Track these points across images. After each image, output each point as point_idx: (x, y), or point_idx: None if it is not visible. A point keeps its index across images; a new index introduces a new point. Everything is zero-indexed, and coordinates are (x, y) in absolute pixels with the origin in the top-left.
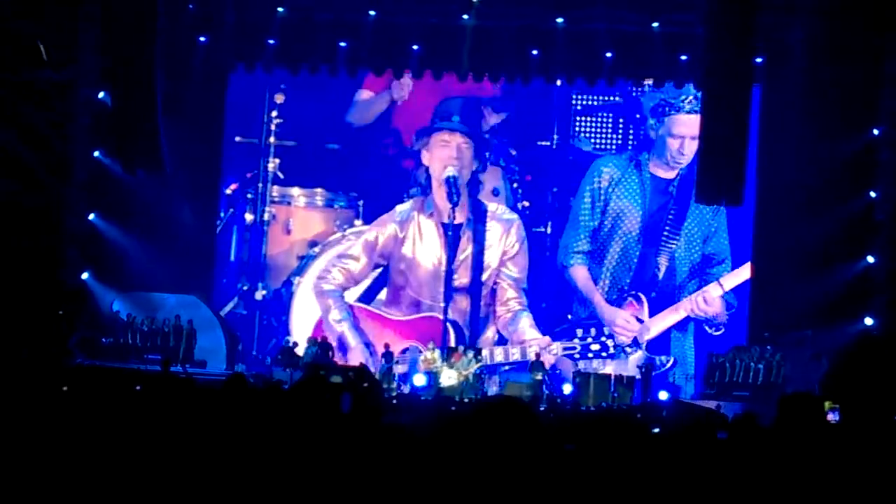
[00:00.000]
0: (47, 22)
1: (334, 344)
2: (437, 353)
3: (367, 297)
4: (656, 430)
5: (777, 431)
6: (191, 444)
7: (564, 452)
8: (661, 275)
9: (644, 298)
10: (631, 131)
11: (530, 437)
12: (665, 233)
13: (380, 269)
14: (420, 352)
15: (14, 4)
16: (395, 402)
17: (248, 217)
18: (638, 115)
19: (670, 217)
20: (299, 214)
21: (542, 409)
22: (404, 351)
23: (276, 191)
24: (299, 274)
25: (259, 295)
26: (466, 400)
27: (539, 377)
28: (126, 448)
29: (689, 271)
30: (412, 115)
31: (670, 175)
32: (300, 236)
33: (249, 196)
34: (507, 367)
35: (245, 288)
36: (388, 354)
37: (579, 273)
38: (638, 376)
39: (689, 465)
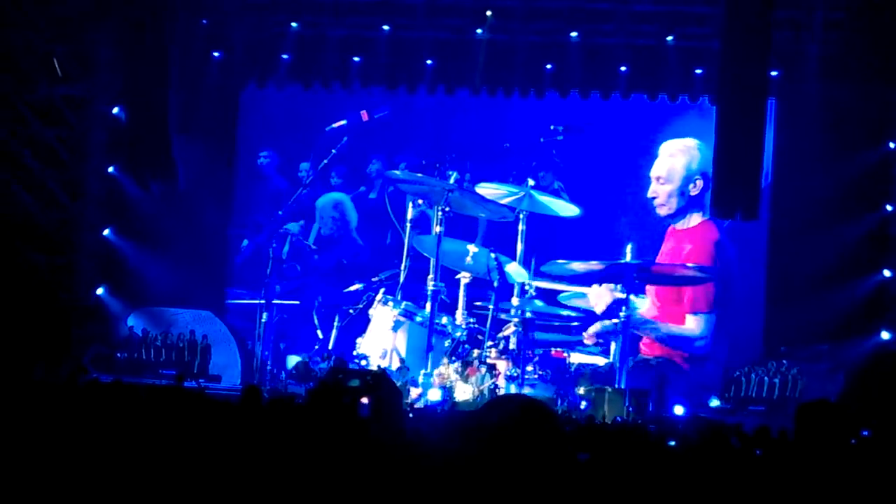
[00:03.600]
0: (62, 38)
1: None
2: (451, 367)
3: None
4: (672, 444)
5: (796, 441)
6: (206, 458)
7: (579, 462)
8: None
9: None
10: None
11: (550, 438)
12: None
13: None
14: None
15: (29, 20)
16: (410, 415)
17: None
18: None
19: None
20: None
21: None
22: None
23: None
24: None
25: None
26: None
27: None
28: (140, 462)
29: None
30: None
31: None
32: None
33: None
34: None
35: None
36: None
37: None
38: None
39: (709, 479)
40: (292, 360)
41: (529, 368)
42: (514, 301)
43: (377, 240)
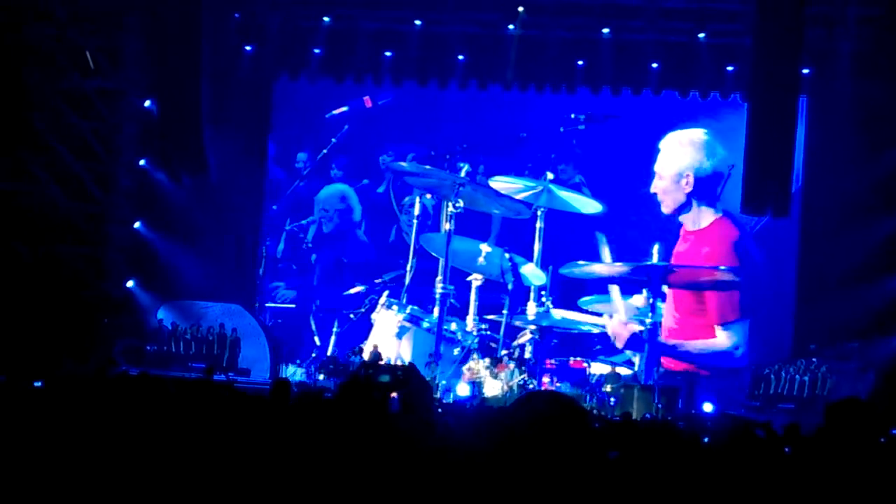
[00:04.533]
0: (94, 31)
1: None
2: (481, 362)
3: None
4: (706, 441)
5: (825, 439)
6: (234, 451)
7: (608, 460)
8: None
9: None
10: None
11: (580, 434)
12: None
13: None
14: None
15: (61, 13)
16: (439, 410)
17: None
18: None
19: None
20: None
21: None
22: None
23: None
24: None
25: None
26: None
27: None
28: (169, 455)
29: None
30: None
31: None
32: None
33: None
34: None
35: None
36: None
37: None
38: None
39: (739, 477)
40: (289, 371)
41: (546, 380)
42: (531, 308)
43: (380, 238)
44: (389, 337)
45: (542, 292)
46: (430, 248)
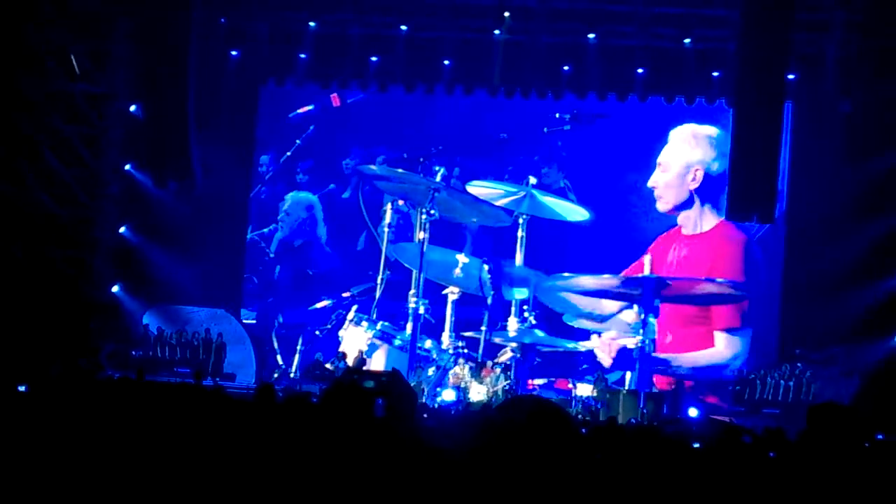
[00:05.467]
0: (81, 35)
1: None
2: (466, 368)
3: None
4: (696, 446)
5: (807, 443)
6: (220, 455)
7: (593, 463)
8: None
9: None
10: None
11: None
12: None
13: None
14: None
15: (48, 18)
16: (424, 416)
17: None
18: None
19: None
20: None
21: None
22: None
23: None
24: None
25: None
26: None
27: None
28: (155, 459)
29: None
30: None
31: None
32: None
33: None
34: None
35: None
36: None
37: None
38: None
39: (722, 481)
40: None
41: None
42: (512, 324)
43: (348, 247)
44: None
45: (525, 307)
46: (403, 258)
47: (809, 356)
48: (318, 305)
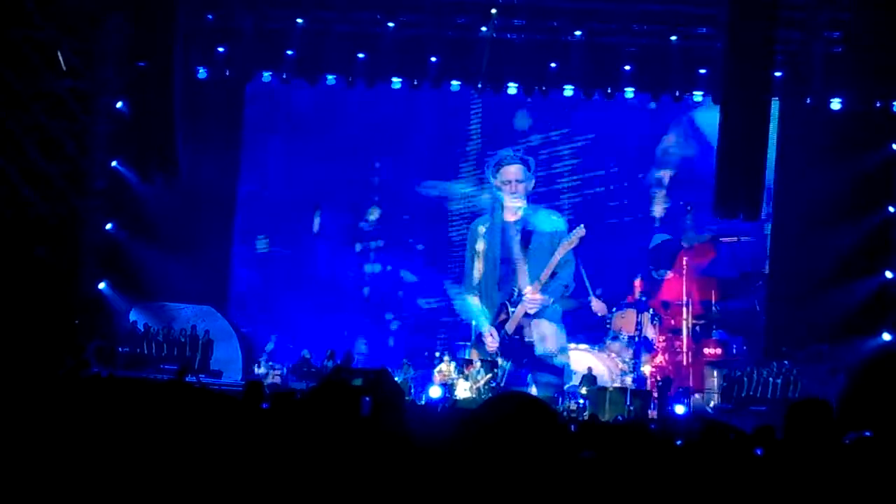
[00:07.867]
0: (68, 32)
1: None
2: (452, 364)
3: None
4: (679, 443)
5: (787, 440)
6: (207, 453)
7: (580, 460)
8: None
9: None
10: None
11: (549, 435)
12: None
13: None
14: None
15: (34, 14)
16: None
17: None
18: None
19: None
20: None
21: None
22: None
23: None
24: None
25: None
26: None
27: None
28: (142, 457)
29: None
30: None
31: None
32: None
33: None
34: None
35: None
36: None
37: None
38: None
39: (708, 477)
40: None
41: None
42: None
43: None
44: None
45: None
46: None
47: (795, 354)
48: None
